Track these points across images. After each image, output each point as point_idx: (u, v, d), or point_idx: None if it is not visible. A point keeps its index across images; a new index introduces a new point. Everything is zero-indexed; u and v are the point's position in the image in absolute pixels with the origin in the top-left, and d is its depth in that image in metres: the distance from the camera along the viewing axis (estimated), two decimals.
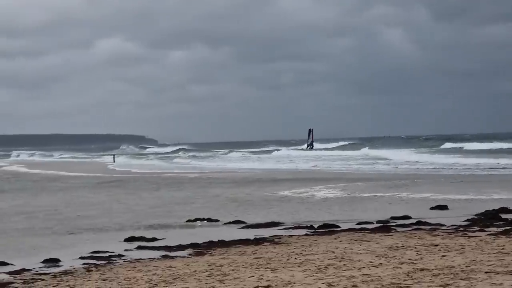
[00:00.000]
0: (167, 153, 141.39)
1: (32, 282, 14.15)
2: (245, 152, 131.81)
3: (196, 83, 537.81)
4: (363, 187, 37.07)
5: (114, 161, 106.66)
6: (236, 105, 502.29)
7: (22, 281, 14.35)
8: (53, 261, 16.51)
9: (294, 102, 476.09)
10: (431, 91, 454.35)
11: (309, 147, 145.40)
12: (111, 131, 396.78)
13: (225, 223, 23.55)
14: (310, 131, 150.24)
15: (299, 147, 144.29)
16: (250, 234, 20.63)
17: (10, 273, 15.30)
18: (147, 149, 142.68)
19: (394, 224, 21.75)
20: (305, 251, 16.70)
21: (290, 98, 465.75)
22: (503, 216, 22.28)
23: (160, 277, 14.04)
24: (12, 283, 14.17)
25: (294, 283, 12.67)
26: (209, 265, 15.13)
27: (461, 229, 19.90)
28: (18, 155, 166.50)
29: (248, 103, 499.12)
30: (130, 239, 19.96)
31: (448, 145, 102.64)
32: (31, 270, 15.62)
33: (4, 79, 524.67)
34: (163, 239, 20.10)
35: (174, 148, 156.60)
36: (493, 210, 23.63)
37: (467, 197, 29.91)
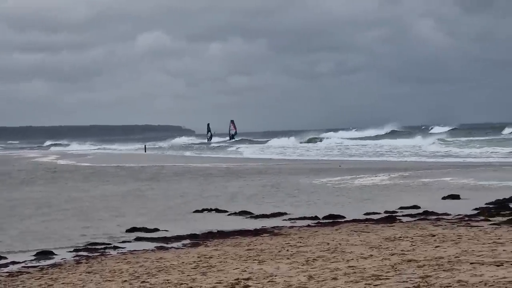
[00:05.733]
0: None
1: (17, 275, 14.12)
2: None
3: (234, 75, 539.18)
4: (389, 178, 36.70)
5: (145, 151, 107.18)
6: (274, 96, 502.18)
7: (8, 273, 14.34)
8: (46, 254, 16.46)
9: (331, 92, 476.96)
10: (465, 80, 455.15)
11: (232, 139, 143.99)
12: (149, 122, 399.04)
13: (229, 214, 23.36)
14: (231, 122, 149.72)
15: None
16: (255, 224, 20.51)
17: None
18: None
19: (400, 214, 21.45)
20: (300, 242, 16.50)
21: (327, 88, 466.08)
22: None
23: (146, 269, 13.96)
24: None
25: (276, 276, 12.50)
26: (198, 257, 15.02)
27: (466, 219, 19.56)
28: (49, 146, 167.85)
29: (286, 93, 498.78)
30: (131, 230, 19.89)
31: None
32: (21, 263, 15.61)
33: (47, 73, 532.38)
34: (165, 230, 19.97)
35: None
36: (504, 199, 23.17)
37: (483, 184, 29.54)
